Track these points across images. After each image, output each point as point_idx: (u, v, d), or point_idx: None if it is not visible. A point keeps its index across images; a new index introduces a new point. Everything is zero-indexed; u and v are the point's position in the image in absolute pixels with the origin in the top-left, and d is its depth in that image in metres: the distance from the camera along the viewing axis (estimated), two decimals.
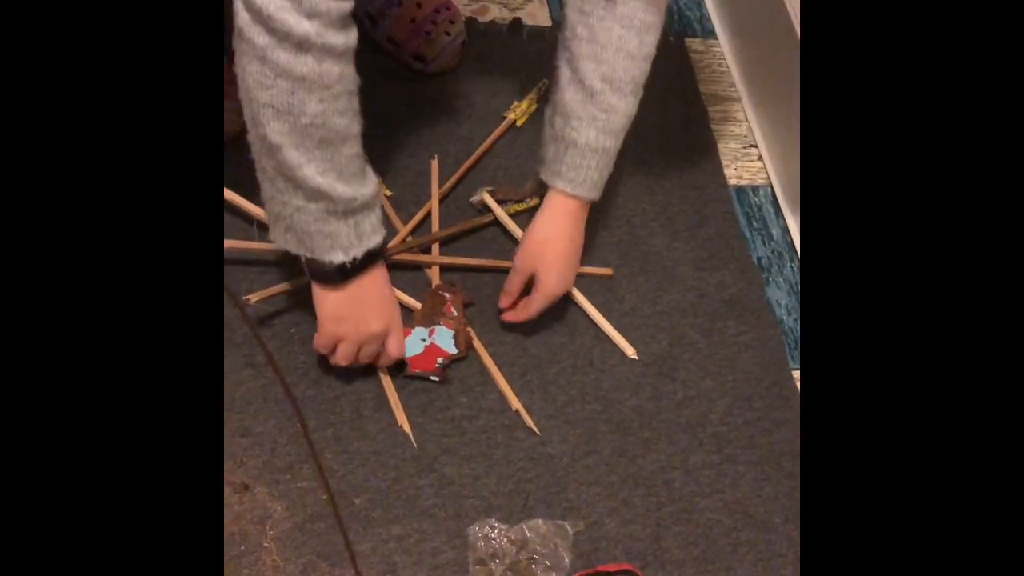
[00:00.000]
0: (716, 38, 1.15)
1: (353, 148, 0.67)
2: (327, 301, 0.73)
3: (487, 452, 0.79)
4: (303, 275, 0.74)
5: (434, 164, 0.92)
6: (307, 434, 0.76)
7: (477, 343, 0.83)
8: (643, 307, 0.90)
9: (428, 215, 0.89)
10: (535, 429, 0.80)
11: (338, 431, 0.77)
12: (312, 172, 0.64)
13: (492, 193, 0.92)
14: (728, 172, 1.03)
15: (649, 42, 0.74)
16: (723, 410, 0.86)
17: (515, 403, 0.81)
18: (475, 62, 1.03)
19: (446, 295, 0.83)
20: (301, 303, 0.82)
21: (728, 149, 1.06)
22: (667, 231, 0.96)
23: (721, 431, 0.84)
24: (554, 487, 0.78)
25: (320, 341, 0.74)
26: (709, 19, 1.17)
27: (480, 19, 1.07)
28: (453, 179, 0.92)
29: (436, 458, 0.78)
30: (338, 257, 0.69)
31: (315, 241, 0.68)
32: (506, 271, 0.85)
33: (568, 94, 0.76)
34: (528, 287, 0.82)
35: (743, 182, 1.03)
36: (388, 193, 0.90)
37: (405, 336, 0.79)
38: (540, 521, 0.75)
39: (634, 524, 0.78)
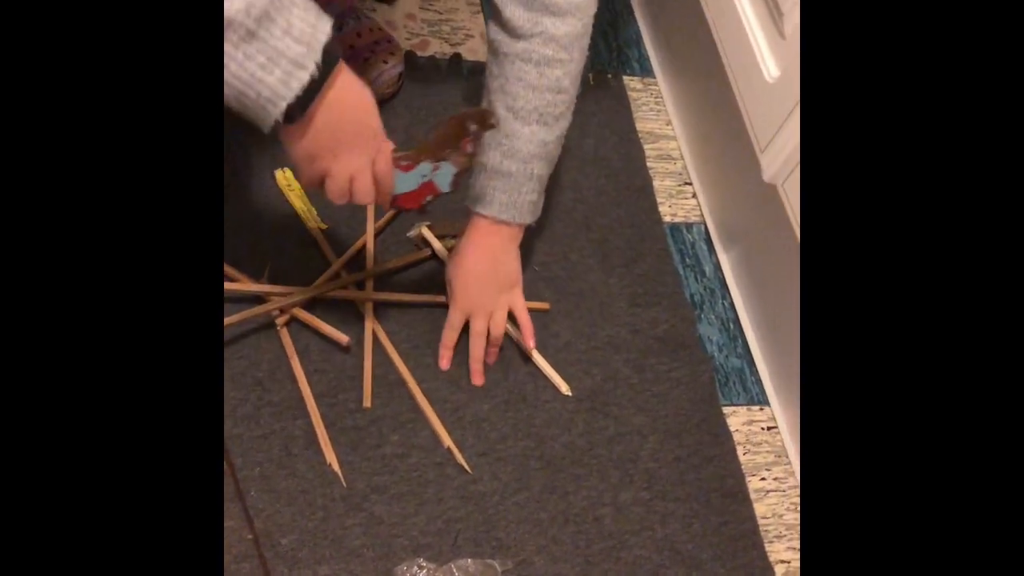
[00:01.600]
0: (654, 76, 1.17)
1: None
2: (295, 142, 0.63)
3: (417, 490, 0.79)
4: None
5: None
6: (233, 473, 0.75)
7: (409, 379, 0.83)
8: (577, 343, 0.91)
9: (363, 250, 0.89)
10: (466, 467, 0.80)
11: (265, 470, 0.76)
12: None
13: (430, 227, 0.92)
14: (663, 209, 1.05)
15: (552, 75, 0.78)
16: (654, 446, 0.87)
17: (446, 440, 0.81)
18: (414, 96, 1.03)
19: (472, 127, 0.71)
20: (236, 337, 0.81)
21: (663, 186, 1.07)
22: (603, 267, 0.98)
23: (652, 467, 0.85)
24: (484, 525, 0.78)
25: (304, 184, 0.68)
26: (647, 58, 1.19)
27: (420, 53, 1.08)
28: (390, 213, 0.92)
29: (366, 496, 0.77)
30: (300, 77, 0.58)
31: (258, 84, 0.57)
32: (443, 306, 0.85)
33: None
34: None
35: (677, 219, 1.05)
36: (323, 227, 0.90)
37: (405, 169, 0.71)
38: (469, 560, 0.75)
39: (563, 562, 0.78)
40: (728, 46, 0.91)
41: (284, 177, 0.92)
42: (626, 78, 1.16)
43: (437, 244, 0.91)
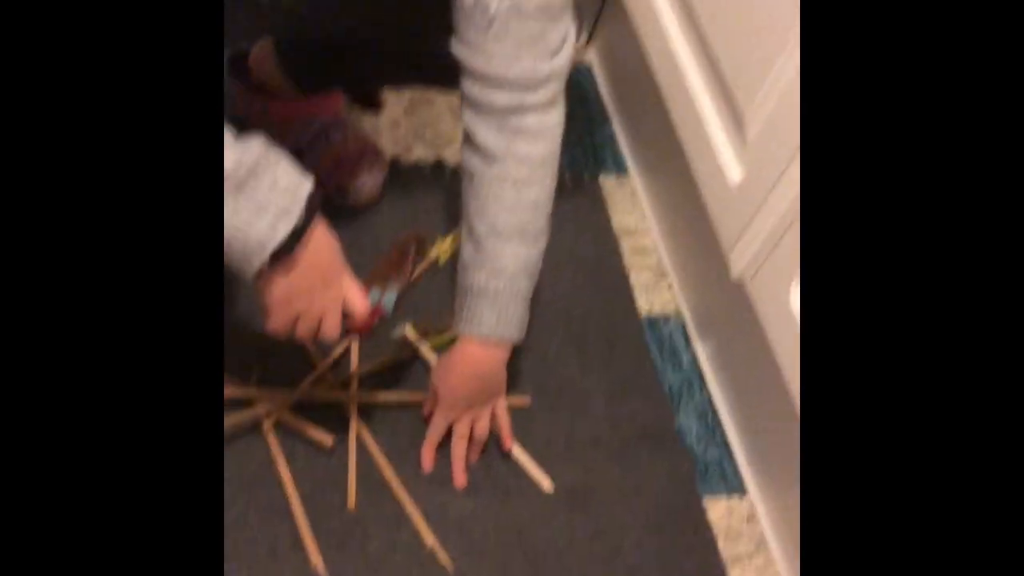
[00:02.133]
0: (628, 174, 1.22)
1: None
2: (274, 287, 0.68)
3: None
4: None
5: None
6: None
7: (393, 479, 0.85)
8: (557, 438, 0.93)
9: (348, 351, 0.92)
10: (448, 567, 0.81)
11: (253, 573, 0.78)
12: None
13: (415, 326, 0.95)
14: (640, 302, 1.09)
15: (529, 194, 0.81)
16: (635, 540, 0.88)
17: (429, 539, 0.82)
18: (398, 200, 1.08)
19: (412, 250, 0.82)
20: (224, 441, 0.83)
21: (640, 280, 1.11)
22: (581, 362, 1.00)
23: (634, 563, 0.86)
24: None
25: (275, 326, 0.71)
26: (622, 156, 1.24)
27: (404, 159, 1.13)
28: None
29: None
30: (280, 232, 0.64)
31: (245, 233, 0.63)
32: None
33: (465, 248, 0.84)
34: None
35: (654, 312, 1.09)
36: None
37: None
38: None
39: None
40: (693, 150, 0.96)
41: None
42: (602, 176, 1.21)
43: (421, 344, 0.93)
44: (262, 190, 0.63)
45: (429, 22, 0.77)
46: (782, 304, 0.80)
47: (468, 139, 0.82)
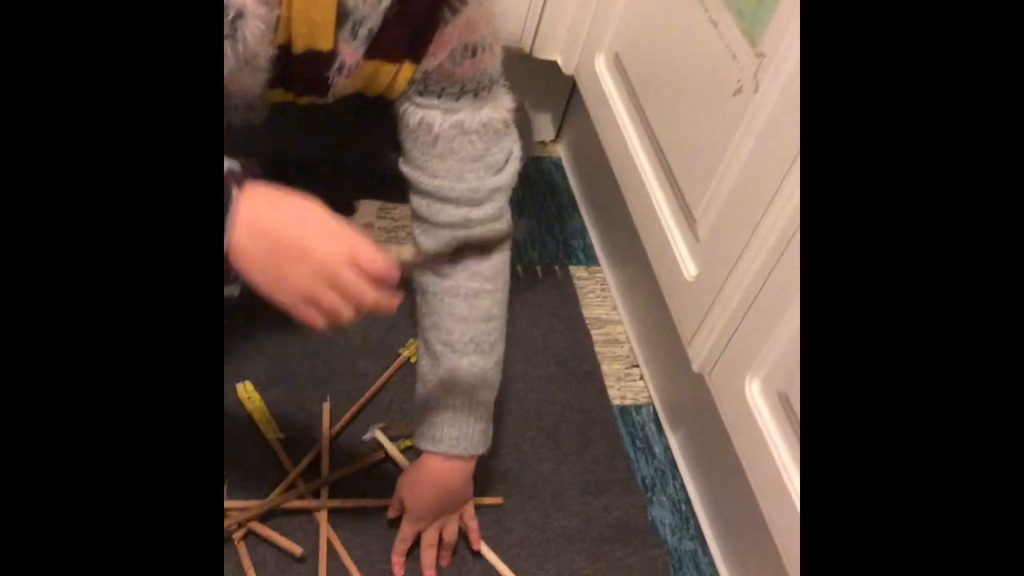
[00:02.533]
0: (599, 264, 1.25)
1: None
2: (242, 259, 0.58)
3: None
4: None
5: (326, 407, 0.97)
6: None
7: None
8: (531, 536, 0.93)
9: (319, 457, 0.93)
10: None
11: None
12: None
13: (384, 430, 0.96)
14: (612, 392, 1.10)
15: (481, 305, 0.82)
16: None
17: None
18: None
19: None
20: None
21: (612, 370, 1.13)
22: (555, 456, 1.01)
23: None
24: None
25: (287, 304, 0.60)
26: (592, 247, 1.27)
27: None
28: (345, 418, 0.97)
29: None
30: None
31: None
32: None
33: (422, 362, 0.85)
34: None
35: (626, 402, 1.10)
36: (281, 436, 0.94)
37: None
38: None
39: None
40: (652, 245, 0.99)
41: (244, 390, 0.97)
42: (572, 268, 1.24)
43: (391, 447, 0.95)
44: None
45: (382, 142, 0.80)
46: (739, 397, 0.82)
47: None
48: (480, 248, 0.67)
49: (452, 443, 0.83)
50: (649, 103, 1.01)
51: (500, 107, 0.79)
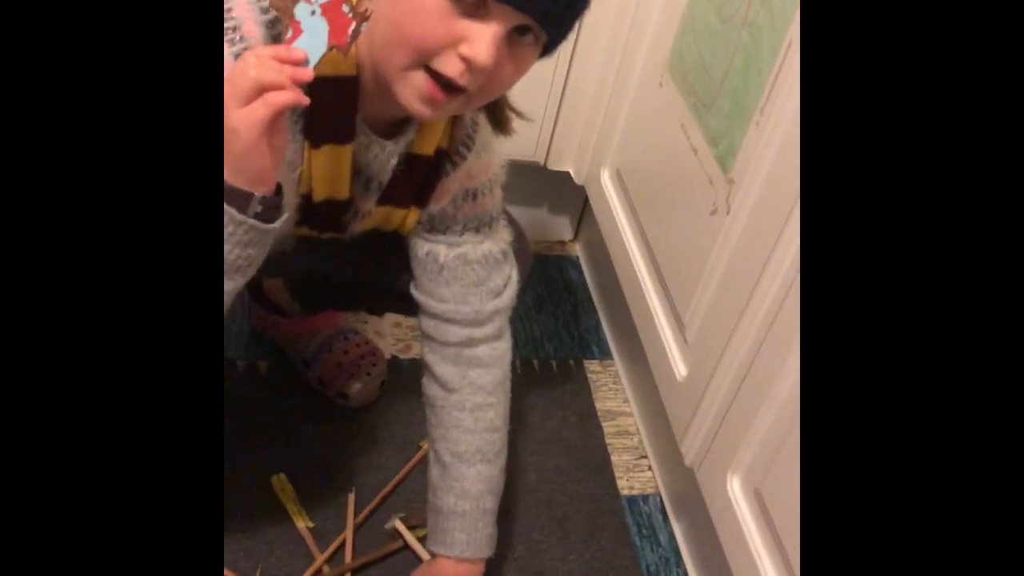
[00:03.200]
0: (612, 359, 1.33)
1: None
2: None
3: None
4: None
5: (351, 497, 1.06)
6: None
7: None
8: None
9: (344, 545, 1.01)
10: None
11: None
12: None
13: (404, 520, 1.04)
14: (621, 483, 1.17)
15: (485, 417, 0.90)
16: None
17: None
18: (396, 396, 1.20)
19: None
20: None
21: (621, 461, 1.20)
22: (563, 544, 1.08)
23: None
24: None
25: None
26: (606, 342, 1.36)
27: (402, 357, 1.26)
28: (368, 508, 1.06)
29: None
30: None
31: None
32: None
33: (433, 471, 0.93)
34: None
35: (634, 492, 1.16)
36: (311, 525, 1.03)
37: (294, 36, 0.62)
38: None
39: None
40: (649, 346, 1.07)
41: (279, 481, 1.06)
42: (587, 362, 1.32)
43: (410, 537, 1.03)
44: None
45: (397, 267, 0.90)
46: (722, 492, 0.88)
47: (428, 372, 0.92)
48: None
49: (462, 547, 0.90)
50: (645, 215, 1.11)
51: (499, 240, 0.88)
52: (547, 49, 0.68)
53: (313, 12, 0.61)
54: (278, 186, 0.65)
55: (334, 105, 0.70)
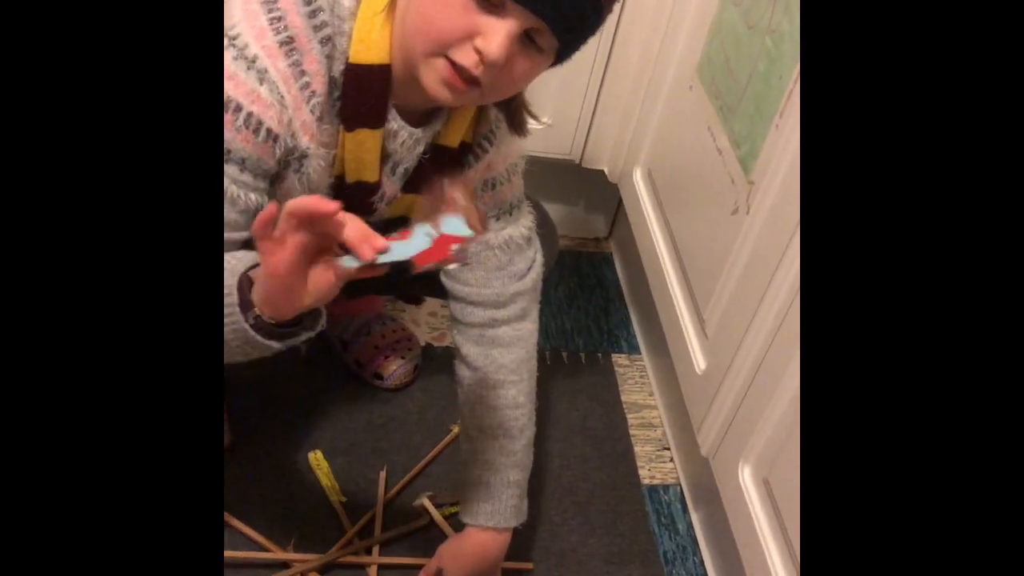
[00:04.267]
0: (640, 353, 1.37)
1: None
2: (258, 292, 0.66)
3: None
4: None
5: (382, 475, 1.11)
6: None
7: None
8: None
9: (373, 519, 1.07)
10: None
11: None
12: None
13: (432, 498, 1.10)
14: (643, 472, 1.21)
15: (507, 395, 0.94)
16: None
17: None
18: (429, 380, 1.25)
19: (445, 182, 0.69)
20: None
21: (644, 452, 1.23)
22: (583, 528, 1.12)
23: None
24: None
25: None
26: (635, 337, 1.39)
27: (437, 344, 1.31)
28: (398, 486, 1.11)
29: None
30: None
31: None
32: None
33: (462, 445, 0.98)
34: None
35: (655, 482, 1.20)
36: (343, 500, 1.09)
37: (403, 237, 0.66)
38: None
39: None
40: (672, 340, 1.11)
41: (315, 458, 1.12)
42: (615, 356, 1.36)
43: (436, 514, 1.08)
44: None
45: None
46: (734, 481, 0.92)
47: (457, 353, 0.97)
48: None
49: (486, 517, 0.95)
50: (672, 213, 1.15)
51: (521, 226, 0.92)
52: (560, 57, 0.72)
53: (428, 234, 0.66)
54: (297, 318, 0.67)
55: (368, 91, 0.75)
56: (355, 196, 0.84)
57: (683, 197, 1.12)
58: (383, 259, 0.63)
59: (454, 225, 0.67)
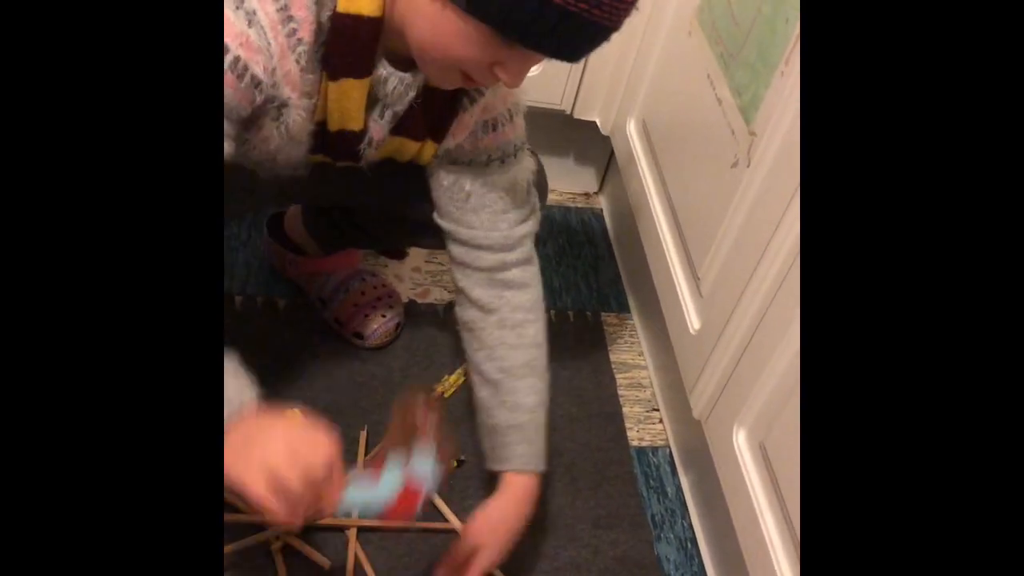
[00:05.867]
0: (629, 313, 1.33)
1: None
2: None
3: None
4: None
5: (363, 434, 1.08)
6: None
7: None
8: (541, 564, 1.02)
9: None
10: None
11: None
12: None
13: None
14: (631, 434, 1.17)
15: (528, 333, 0.91)
16: None
17: None
18: (413, 339, 1.21)
19: (418, 398, 0.74)
20: (235, 563, 0.95)
21: (632, 413, 1.20)
22: (570, 490, 1.09)
23: None
24: None
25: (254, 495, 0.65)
26: (624, 295, 1.35)
27: (420, 301, 1.27)
28: (379, 447, 1.07)
29: None
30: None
31: None
32: (419, 532, 0.98)
33: (482, 393, 0.92)
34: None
35: (644, 444, 1.17)
36: None
37: (375, 476, 0.70)
38: None
39: None
40: (665, 298, 1.07)
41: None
42: (604, 314, 1.32)
43: None
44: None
45: (412, 194, 0.91)
46: (728, 444, 0.89)
47: (463, 300, 0.92)
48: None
49: (523, 460, 0.90)
50: (667, 167, 1.10)
51: (524, 169, 0.89)
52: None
53: (398, 477, 0.69)
54: None
55: (355, 42, 0.71)
56: (339, 144, 0.80)
57: (679, 149, 1.07)
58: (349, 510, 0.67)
59: (423, 463, 0.71)
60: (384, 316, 1.17)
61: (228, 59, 0.66)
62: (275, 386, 1.12)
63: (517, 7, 0.63)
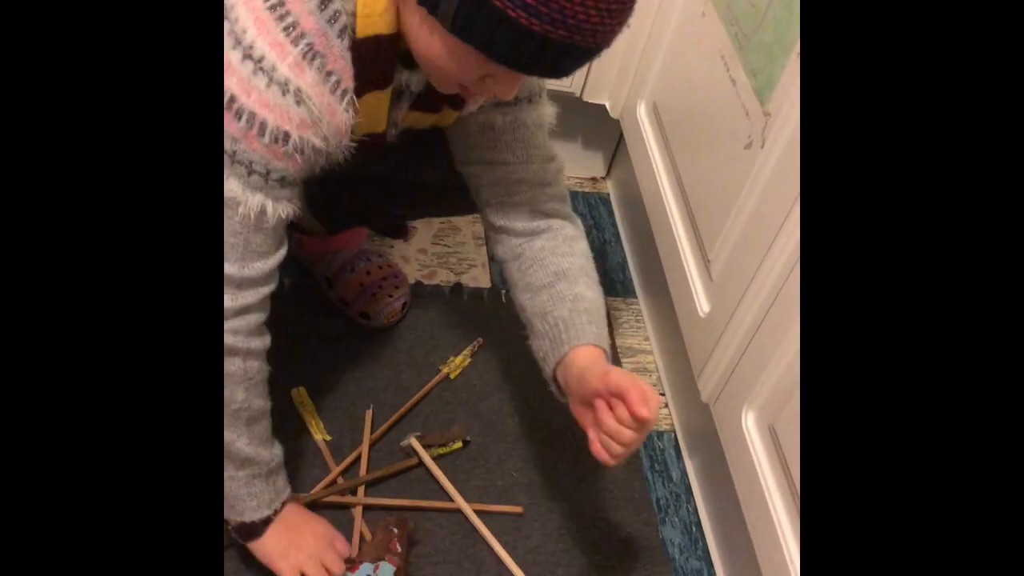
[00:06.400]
0: (636, 297, 1.33)
1: (268, 420, 0.83)
2: (264, 546, 0.87)
3: None
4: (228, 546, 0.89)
5: (368, 413, 1.07)
6: None
7: None
8: (546, 544, 1.01)
9: (359, 459, 1.03)
10: None
11: None
12: (243, 445, 0.80)
13: (420, 438, 1.06)
14: None
15: (578, 248, 0.90)
16: None
17: None
18: (418, 320, 1.20)
19: (394, 530, 0.92)
20: None
21: None
22: (576, 473, 1.09)
23: None
24: None
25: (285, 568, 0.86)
26: (631, 280, 1.35)
27: (427, 282, 1.26)
28: (385, 425, 1.07)
29: None
30: (263, 513, 0.85)
31: (243, 503, 0.84)
32: (429, 511, 0.98)
33: (536, 301, 0.88)
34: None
35: None
36: (327, 438, 1.05)
37: (351, 570, 0.89)
38: None
39: None
40: (673, 282, 1.06)
41: (298, 394, 1.08)
42: (610, 299, 1.31)
43: (424, 454, 1.04)
44: (270, 482, 0.87)
45: (422, 158, 0.90)
46: (737, 427, 0.88)
47: (501, 232, 0.91)
48: None
49: (597, 337, 0.85)
50: (678, 150, 1.09)
51: (549, 111, 0.89)
52: None
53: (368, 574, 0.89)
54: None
55: (378, 60, 0.73)
56: (365, 145, 0.81)
57: (691, 131, 1.07)
58: None
59: (385, 572, 0.89)
60: (390, 296, 1.17)
61: (291, 144, 0.70)
62: (280, 364, 1.12)
63: (499, 35, 0.64)
